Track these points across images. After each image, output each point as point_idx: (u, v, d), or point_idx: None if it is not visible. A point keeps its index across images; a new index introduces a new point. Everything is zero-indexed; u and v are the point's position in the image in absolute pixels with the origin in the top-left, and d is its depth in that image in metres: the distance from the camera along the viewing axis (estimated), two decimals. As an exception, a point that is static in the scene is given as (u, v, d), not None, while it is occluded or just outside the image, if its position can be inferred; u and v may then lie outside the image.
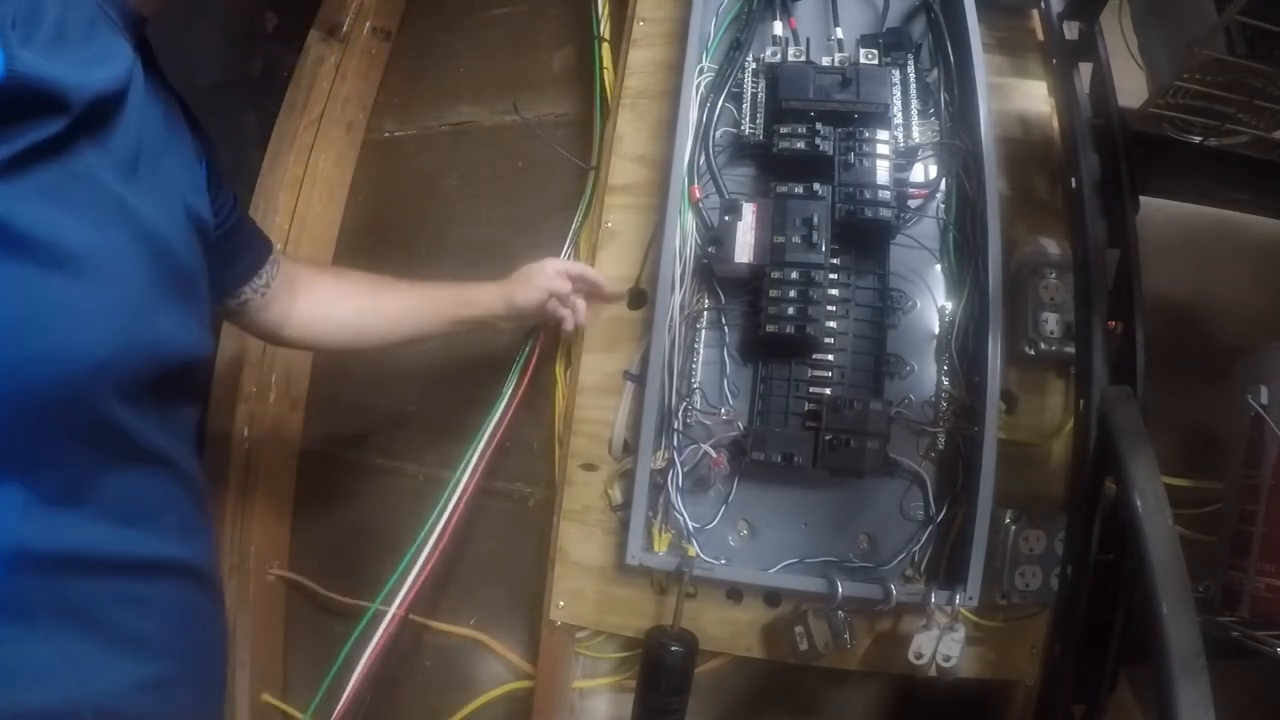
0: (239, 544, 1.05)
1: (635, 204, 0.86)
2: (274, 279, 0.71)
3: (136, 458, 0.49)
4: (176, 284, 0.51)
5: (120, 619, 0.48)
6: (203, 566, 0.56)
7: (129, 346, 0.46)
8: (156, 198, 0.49)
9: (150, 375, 0.48)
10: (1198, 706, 0.50)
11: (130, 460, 0.49)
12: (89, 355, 0.44)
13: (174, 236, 0.51)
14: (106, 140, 0.46)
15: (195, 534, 0.56)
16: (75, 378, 0.43)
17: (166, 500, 0.52)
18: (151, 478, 0.51)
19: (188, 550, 0.54)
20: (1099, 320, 0.73)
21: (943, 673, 0.68)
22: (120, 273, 0.46)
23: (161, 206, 0.50)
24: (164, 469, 0.52)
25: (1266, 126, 0.74)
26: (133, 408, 0.47)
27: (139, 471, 0.49)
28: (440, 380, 1.08)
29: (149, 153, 0.50)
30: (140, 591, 0.49)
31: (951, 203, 0.80)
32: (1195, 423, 0.83)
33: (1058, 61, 0.86)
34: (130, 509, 0.49)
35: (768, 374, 0.77)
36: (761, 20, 0.85)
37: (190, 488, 0.55)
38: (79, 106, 0.43)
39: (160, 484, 0.52)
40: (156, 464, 0.51)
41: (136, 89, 0.49)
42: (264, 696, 1.03)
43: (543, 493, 0.94)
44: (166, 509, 0.52)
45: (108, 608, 0.47)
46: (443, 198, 1.15)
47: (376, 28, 1.23)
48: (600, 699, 0.87)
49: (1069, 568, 0.71)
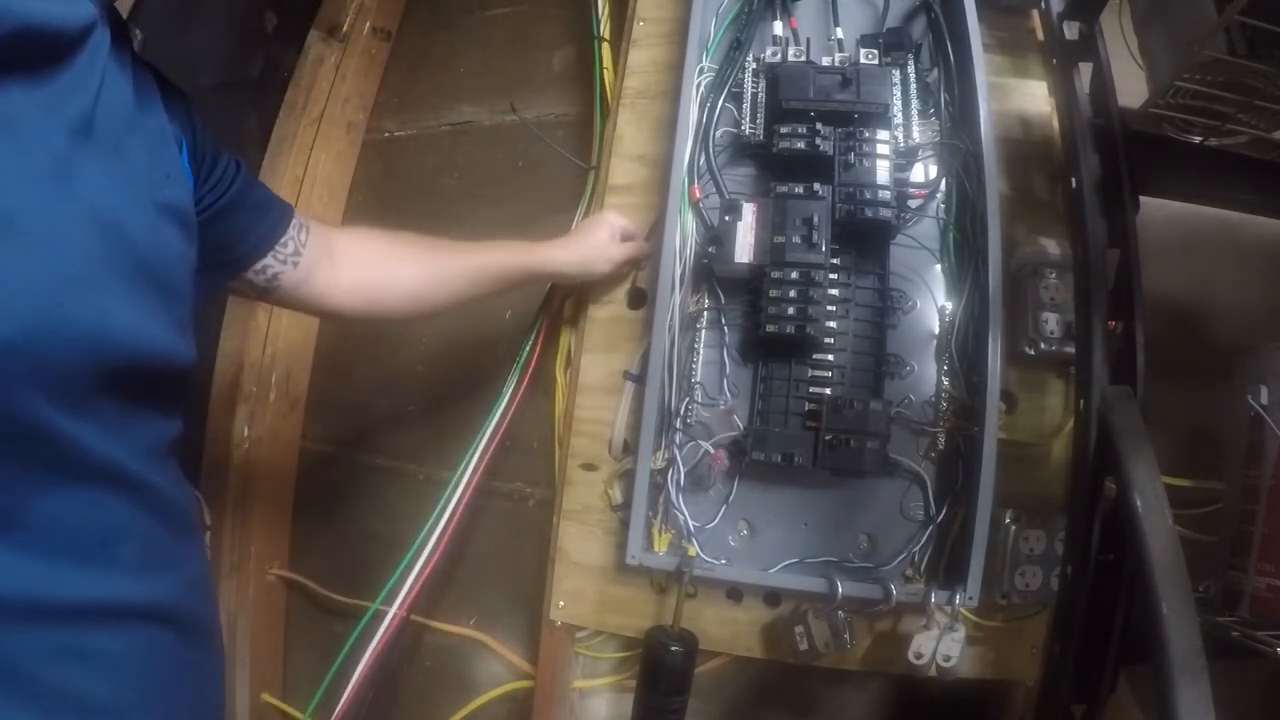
0: (239, 544, 1.05)
1: (635, 204, 0.86)
2: (304, 246, 0.63)
3: (77, 474, 0.40)
4: (139, 275, 0.43)
5: (63, 679, 0.39)
6: (177, 608, 0.46)
7: (50, 329, 0.37)
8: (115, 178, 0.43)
9: (92, 370, 0.39)
10: (1198, 706, 0.49)
11: (67, 476, 0.39)
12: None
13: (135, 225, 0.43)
14: (46, 87, 0.39)
15: (166, 568, 0.46)
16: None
17: (120, 527, 0.43)
18: (98, 500, 0.41)
19: (152, 589, 0.44)
20: (1099, 320, 0.73)
21: (943, 673, 0.68)
22: (44, 239, 0.37)
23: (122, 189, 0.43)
24: (117, 488, 0.42)
25: (1266, 126, 0.74)
26: (68, 409, 0.38)
27: (81, 491, 0.40)
28: (440, 380, 1.08)
29: (109, 128, 0.43)
30: (86, 644, 0.40)
31: (951, 203, 0.80)
32: (1195, 423, 0.83)
33: (1058, 61, 0.86)
34: (68, 540, 0.39)
35: (768, 374, 0.77)
36: (761, 20, 0.85)
37: (162, 511, 0.46)
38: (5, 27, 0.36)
39: (112, 507, 0.42)
40: (106, 482, 0.42)
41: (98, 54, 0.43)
42: (264, 696, 1.03)
43: (543, 493, 0.94)
44: (121, 539, 0.42)
45: (46, 665, 0.38)
46: (443, 198, 1.15)
47: (376, 28, 1.23)
48: (600, 699, 0.87)
49: (1069, 568, 0.71)
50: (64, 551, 0.39)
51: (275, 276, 0.62)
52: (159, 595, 0.44)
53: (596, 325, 0.84)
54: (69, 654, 0.39)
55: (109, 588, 0.41)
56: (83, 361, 0.38)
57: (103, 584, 0.41)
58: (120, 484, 0.42)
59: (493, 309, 1.04)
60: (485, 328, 1.04)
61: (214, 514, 1.06)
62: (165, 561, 0.46)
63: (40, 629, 0.38)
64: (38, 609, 0.38)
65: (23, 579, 0.37)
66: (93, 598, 0.40)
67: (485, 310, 1.05)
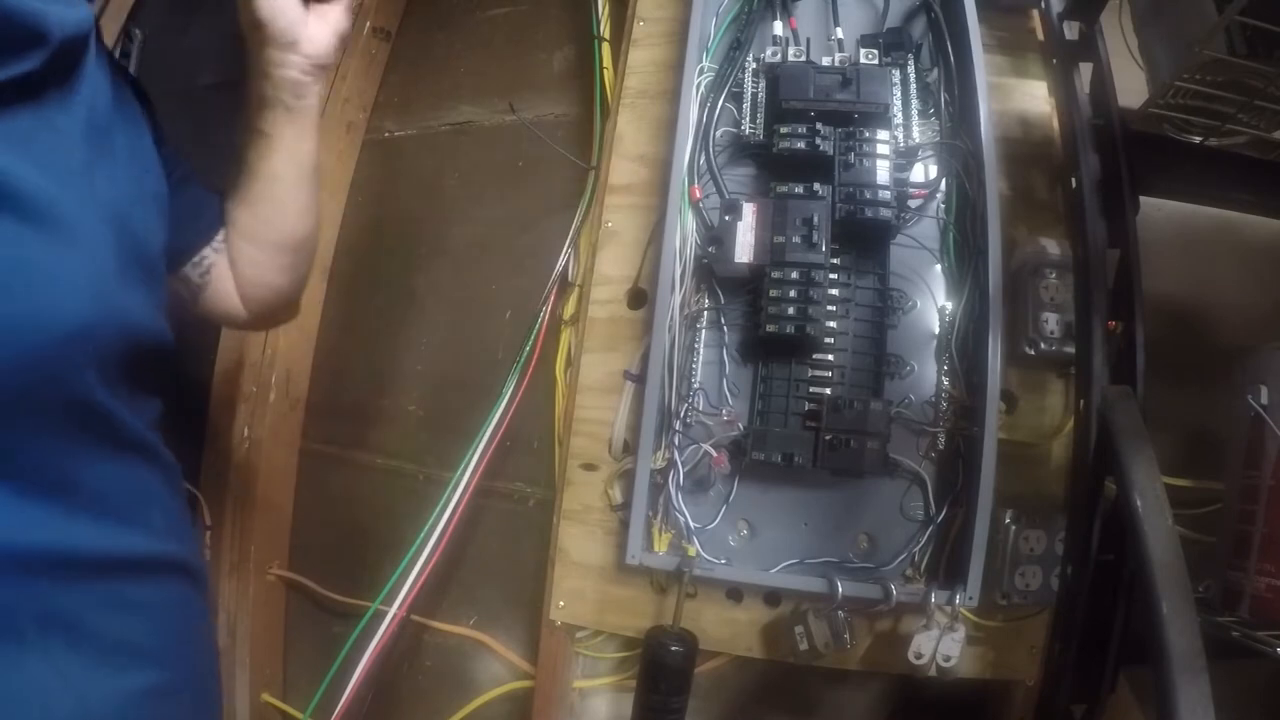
0: (239, 544, 1.05)
1: (635, 204, 0.86)
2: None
3: (118, 445, 0.45)
4: (140, 266, 0.47)
5: (113, 626, 0.44)
6: (193, 563, 0.52)
7: (106, 314, 0.42)
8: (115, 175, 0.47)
9: (124, 353, 0.44)
10: (1198, 706, 0.49)
11: (112, 447, 0.45)
12: (69, 320, 0.40)
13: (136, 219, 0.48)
14: (72, 94, 0.44)
15: (182, 529, 0.52)
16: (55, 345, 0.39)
17: (151, 493, 0.49)
18: (134, 468, 0.47)
19: (176, 546, 0.50)
20: (1099, 320, 0.73)
21: (943, 673, 0.68)
22: (86, 236, 0.42)
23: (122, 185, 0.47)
24: (146, 459, 0.48)
25: (1266, 126, 0.74)
26: (110, 388, 0.43)
27: (122, 461, 0.46)
28: (440, 380, 1.08)
29: (102, 124, 0.46)
30: (132, 594, 0.46)
31: (951, 203, 0.80)
32: (1195, 423, 0.83)
33: (1058, 61, 0.86)
34: (115, 503, 0.45)
35: (768, 374, 0.77)
36: (761, 20, 0.85)
37: (172, 481, 0.52)
38: (55, 42, 0.41)
39: (143, 475, 0.48)
40: (139, 453, 0.47)
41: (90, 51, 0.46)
42: (264, 696, 1.03)
43: (543, 493, 0.94)
44: (152, 502, 0.48)
45: (99, 615, 0.43)
46: (443, 198, 1.15)
47: (376, 28, 1.23)
48: (600, 699, 0.87)
49: (1069, 568, 0.71)
50: (110, 514, 0.44)
51: (209, 269, 0.61)
52: (181, 553, 0.50)
53: (596, 325, 0.84)
54: (115, 603, 0.44)
55: (145, 545, 0.47)
56: (121, 347, 0.44)
57: (140, 541, 0.46)
58: (145, 455, 0.48)
59: (493, 309, 1.04)
60: (485, 328, 1.04)
61: (214, 514, 1.06)
62: (180, 523, 0.52)
63: (91, 581, 0.43)
64: (90, 564, 0.43)
65: (80, 537, 0.42)
66: (132, 554, 0.46)
67: (485, 310, 1.05)
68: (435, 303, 1.11)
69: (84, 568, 0.43)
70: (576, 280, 0.92)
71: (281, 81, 0.58)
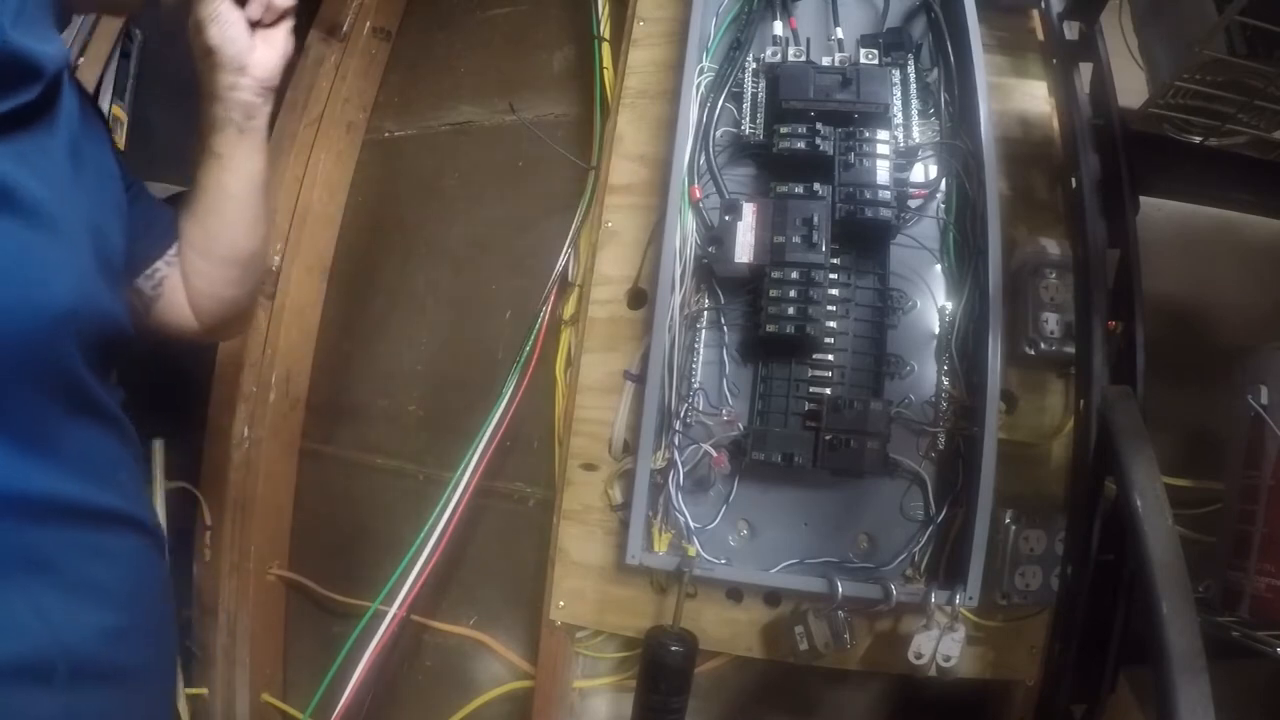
0: (239, 544, 1.05)
1: (635, 204, 0.86)
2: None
3: (95, 415, 0.52)
4: (111, 267, 0.54)
5: (85, 569, 0.50)
6: (151, 524, 0.58)
7: (87, 302, 0.50)
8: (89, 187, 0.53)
9: (100, 337, 0.51)
10: (1198, 706, 0.49)
11: (90, 416, 0.52)
12: (59, 303, 0.47)
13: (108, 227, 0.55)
14: (56, 118, 0.51)
15: (142, 496, 0.60)
16: (47, 325, 0.47)
17: (118, 459, 0.55)
18: (108, 437, 0.54)
19: (138, 508, 0.56)
20: (1099, 320, 0.73)
21: (943, 673, 0.68)
22: (73, 238, 0.50)
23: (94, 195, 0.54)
24: (117, 432, 0.55)
25: (1266, 126, 0.74)
26: (89, 367, 0.50)
27: (98, 429, 0.53)
28: (440, 380, 1.08)
29: (77, 143, 0.53)
30: (101, 543, 0.51)
31: (951, 203, 0.80)
32: (1195, 423, 0.83)
33: (1058, 61, 0.86)
34: (90, 463, 0.51)
35: (768, 374, 0.77)
36: (761, 20, 0.85)
37: (137, 457, 0.59)
38: (48, 75, 0.48)
39: (114, 445, 0.55)
40: (111, 425, 0.54)
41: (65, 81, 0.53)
42: (264, 696, 1.03)
43: (543, 493, 0.94)
44: (119, 467, 0.55)
45: (73, 558, 0.49)
46: (443, 198, 1.15)
47: (376, 28, 1.23)
48: (600, 699, 0.87)
49: (1069, 568, 0.71)
50: (87, 472, 0.51)
51: (162, 281, 0.66)
52: (144, 514, 0.57)
53: (596, 325, 0.84)
54: (87, 550, 0.50)
55: (114, 502, 0.53)
56: (98, 331, 0.51)
57: (111, 499, 0.52)
58: (117, 428, 0.55)
59: (493, 309, 1.04)
60: (485, 328, 1.04)
61: (214, 514, 1.06)
62: (140, 490, 0.59)
63: (71, 528, 0.49)
64: (69, 512, 0.49)
65: (62, 488, 0.48)
66: (104, 508, 0.52)
67: (485, 310, 1.05)
68: (435, 303, 1.11)
69: (63, 515, 0.49)
70: (576, 280, 0.92)
71: (233, 103, 0.63)
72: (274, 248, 1.13)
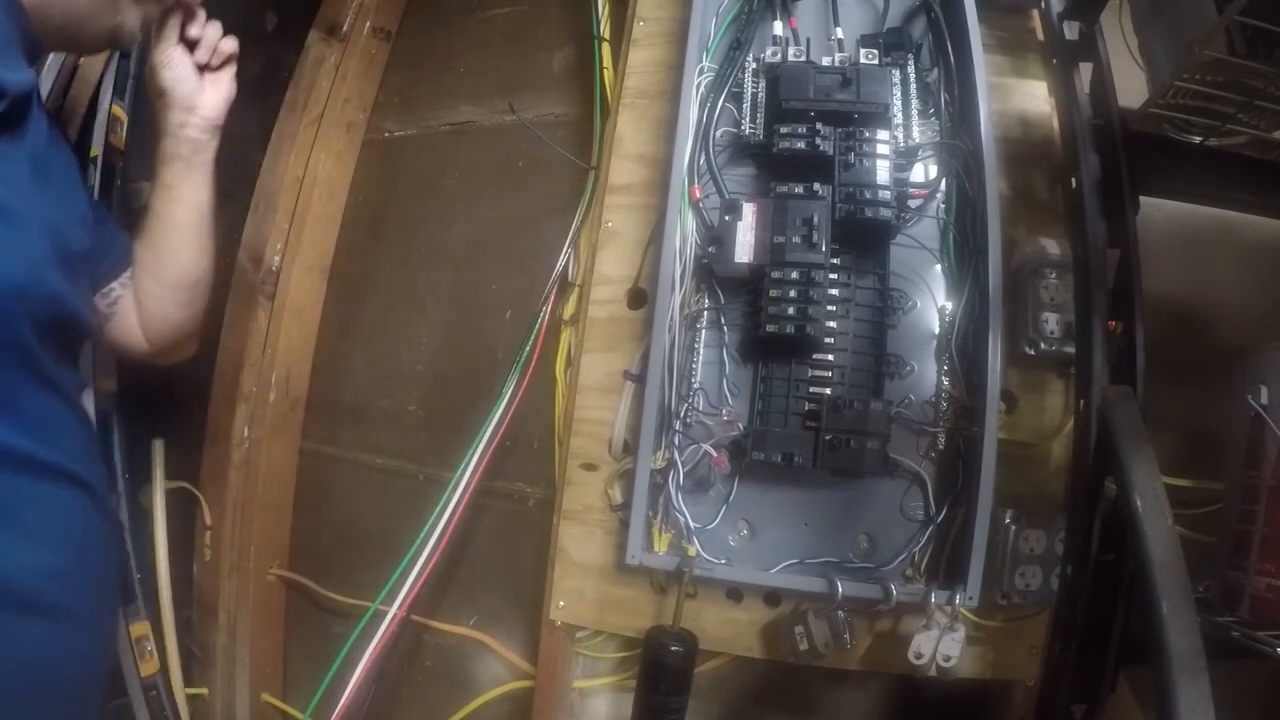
0: (239, 544, 1.05)
1: (635, 204, 0.86)
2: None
3: (47, 385, 0.58)
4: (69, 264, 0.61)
5: (29, 513, 0.55)
6: (99, 489, 0.63)
7: (36, 283, 0.56)
8: (54, 197, 0.61)
9: (51, 317, 0.58)
10: (1198, 706, 0.49)
11: (42, 384, 0.58)
12: (10, 281, 0.54)
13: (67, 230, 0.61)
14: (21, 136, 0.58)
15: (93, 465, 0.64)
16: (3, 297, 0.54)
17: (66, 427, 0.61)
18: (55, 405, 0.60)
19: (85, 472, 0.61)
20: (1099, 320, 0.73)
21: (943, 673, 0.68)
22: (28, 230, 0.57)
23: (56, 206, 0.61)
24: (64, 401, 0.61)
25: (1266, 126, 0.74)
26: (41, 342, 0.57)
27: (49, 397, 0.59)
28: (440, 380, 1.08)
29: (42, 161, 0.60)
30: (46, 492, 0.57)
31: (951, 203, 0.80)
32: (1195, 423, 0.83)
33: (1058, 61, 0.86)
34: (44, 424, 0.57)
35: (768, 374, 0.77)
36: (761, 20, 0.85)
37: (87, 429, 0.66)
38: (9, 97, 0.56)
39: (62, 412, 0.61)
40: (58, 395, 0.60)
41: (34, 108, 0.60)
42: (264, 696, 1.03)
43: (543, 493, 0.94)
44: (66, 433, 0.60)
45: (23, 504, 0.55)
46: (442, 198, 1.15)
47: (376, 28, 1.23)
48: (600, 699, 0.87)
49: (1069, 568, 0.71)
50: (40, 431, 0.57)
51: (116, 301, 0.72)
52: (88, 476, 0.62)
53: (596, 325, 0.84)
54: (35, 498, 0.56)
55: (62, 460, 0.58)
56: (48, 311, 0.58)
57: (60, 456, 0.58)
58: (64, 398, 0.61)
59: (493, 309, 1.04)
60: (485, 328, 1.04)
61: (214, 514, 1.06)
62: (90, 460, 0.64)
63: (20, 476, 0.55)
64: (22, 462, 0.55)
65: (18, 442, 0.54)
66: (53, 463, 0.57)
67: (485, 310, 1.05)
68: (435, 303, 1.11)
69: (17, 465, 0.54)
70: (576, 280, 0.92)
71: (182, 140, 0.71)
72: (274, 247, 1.13)
